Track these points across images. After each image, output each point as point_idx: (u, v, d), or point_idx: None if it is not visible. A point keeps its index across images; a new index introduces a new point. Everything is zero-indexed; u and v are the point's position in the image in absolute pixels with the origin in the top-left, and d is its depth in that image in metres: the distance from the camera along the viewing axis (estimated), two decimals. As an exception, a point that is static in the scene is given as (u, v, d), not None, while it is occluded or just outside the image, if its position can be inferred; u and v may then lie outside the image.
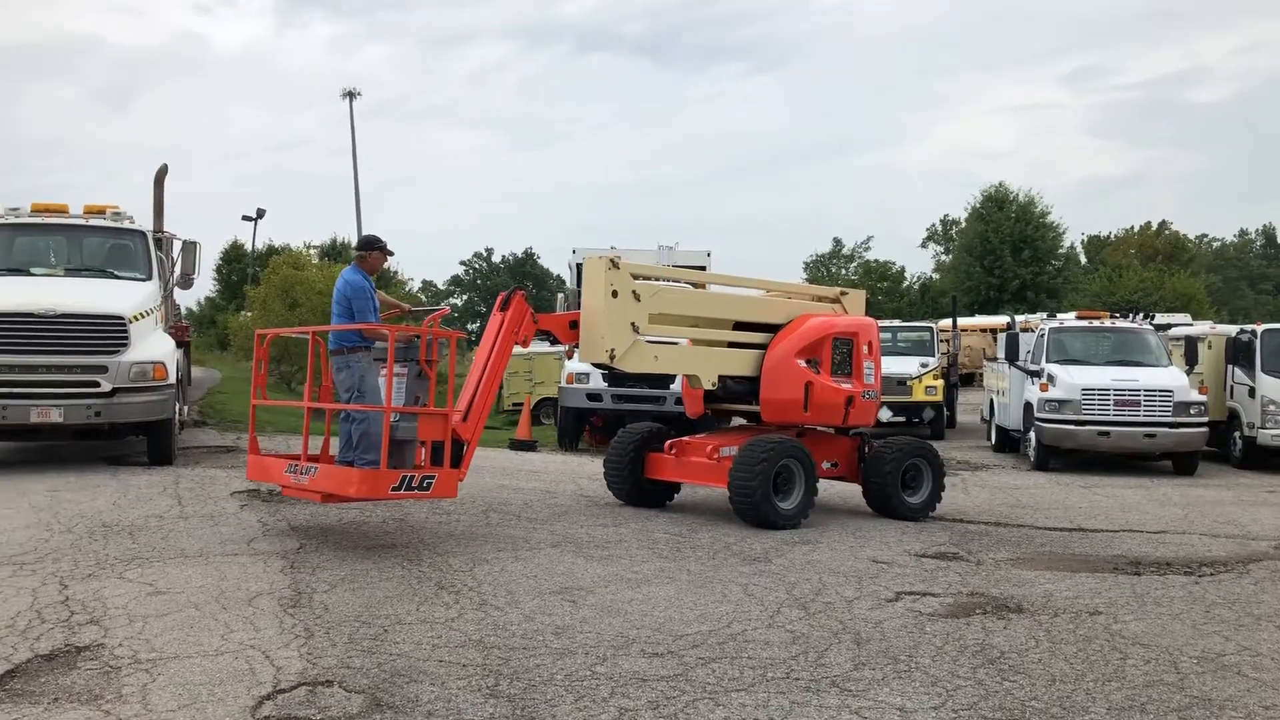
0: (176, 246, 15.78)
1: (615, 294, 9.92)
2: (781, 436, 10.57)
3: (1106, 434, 15.73)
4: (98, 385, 12.60)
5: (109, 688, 5.18)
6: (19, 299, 12.85)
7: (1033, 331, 19.57)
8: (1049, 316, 23.50)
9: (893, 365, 21.85)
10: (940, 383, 21.84)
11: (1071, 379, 16.07)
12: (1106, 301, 45.85)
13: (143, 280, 14.25)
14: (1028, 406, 16.83)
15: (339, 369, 9.13)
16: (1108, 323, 18.50)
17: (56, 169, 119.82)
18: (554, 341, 10.56)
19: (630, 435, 11.57)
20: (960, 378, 26.59)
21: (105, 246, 14.75)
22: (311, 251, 41.16)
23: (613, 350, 9.92)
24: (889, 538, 9.88)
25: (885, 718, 5.04)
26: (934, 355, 22.67)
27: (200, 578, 7.50)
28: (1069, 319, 20.12)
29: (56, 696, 5.05)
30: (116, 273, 14.30)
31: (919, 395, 21.38)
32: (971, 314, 47.59)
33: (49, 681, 5.27)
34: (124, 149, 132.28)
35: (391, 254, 9.78)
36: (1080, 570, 8.64)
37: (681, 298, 10.96)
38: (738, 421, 12.18)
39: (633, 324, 10.04)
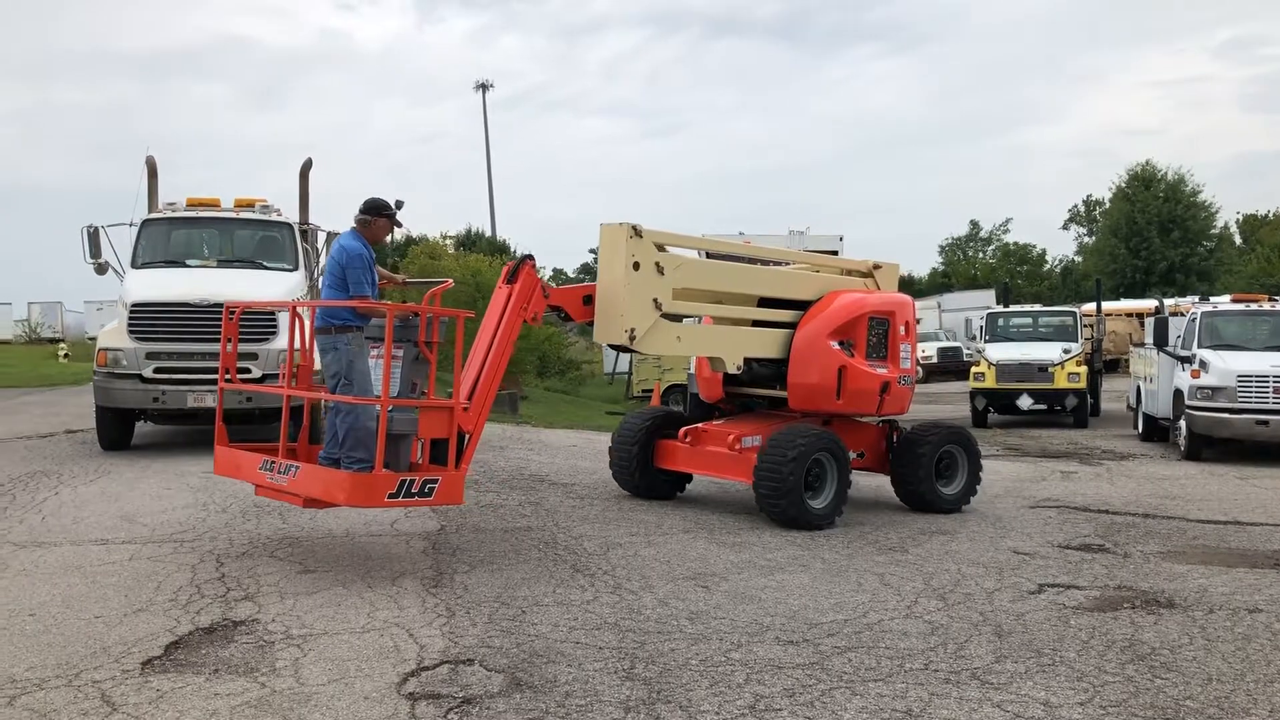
0: (321, 238, 16.31)
1: (637, 266, 8.98)
2: (811, 426, 9.82)
3: (1265, 423, 14.92)
4: (249, 372, 13.15)
5: (263, 661, 5.42)
6: (177, 290, 13.51)
7: (1183, 315, 18.72)
8: (1201, 299, 22.47)
9: (1034, 351, 21.34)
10: (1084, 369, 21.17)
11: (1226, 365, 15.30)
12: (1264, 284, 43.61)
13: (290, 270, 14.79)
14: (1178, 394, 16.10)
15: (324, 350, 7.78)
16: (1266, 305, 17.55)
17: (209, 164, 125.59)
18: (565, 318, 9.52)
19: (639, 420, 10.80)
20: (1105, 364, 25.69)
21: (255, 238, 15.35)
22: (447, 241, 42.16)
23: (633, 330, 9.00)
24: (1030, 528, 9.60)
25: (1029, 712, 4.91)
26: (1077, 341, 21.97)
27: (347, 557, 7.79)
28: (1223, 302, 19.18)
29: (216, 668, 5.31)
30: (265, 263, 14.88)
31: (1061, 382, 20.77)
32: (1116, 298, 45.85)
33: (209, 653, 5.55)
34: (271, 144, 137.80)
35: (400, 224, 8.36)
36: (1237, 565, 8.24)
37: (707, 271, 10.04)
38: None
39: (655, 300, 9.13)
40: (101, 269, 14.97)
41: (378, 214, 8.08)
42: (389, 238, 9.30)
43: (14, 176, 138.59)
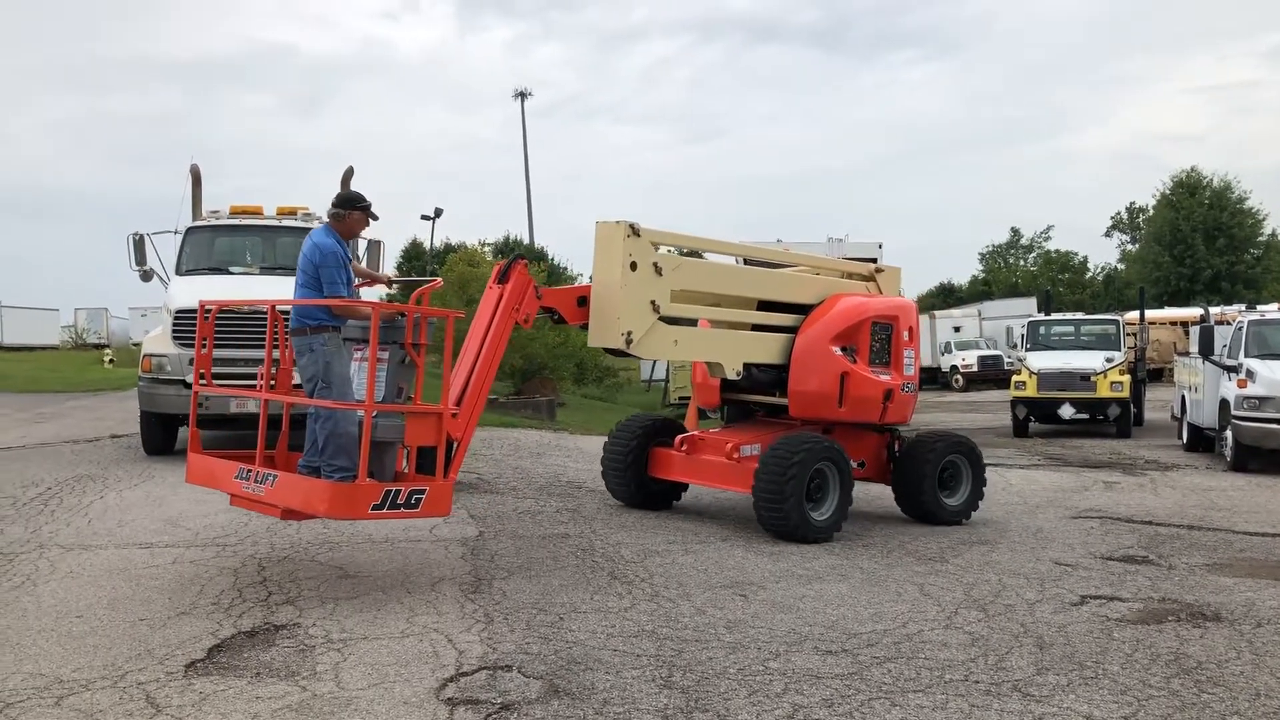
0: (361, 246, 16.44)
1: (634, 266, 8.64)
2: (812, 434, 9.46)
3: (1313, 434, 14.68)
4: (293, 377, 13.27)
5: (304, 665, 5.47)
6: (220, 297, 13.65)
7: (1229, 324, 18.46)
8: (1248, 308, 22.15)
9: (1076, 360, 21.10)
10: (1127, 378, 20.91)
11: (1274, 374, 15.07)
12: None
13: (331, 277, 14.90)
14: (1224, 404, 15.87)
15: (300, 353, 7.31)
16: (1315, 314, 17.26)
17: (252, 172, 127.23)
18: (559, 321, 9.15)
19: (633, 427, 10.47)
20: (1148, 373, 25.37)
21: (297, 246, 15.45)
22: (485, 249, 42.38)
23: (629, 333, 8.66)
24: (1072, 539, 9.49)
25: (1072, 726, 4.85)
26: (1120, 349, 21.70)
27: (386, 563, 7.84)
28: (1270, 310, 18.89)
29: (258, 671, 5.36)
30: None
31: (1104, 391, 20.51)
32: (1160, 306, 45.29)
33: (251, 657, 5.60)
34: (313, 151, 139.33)
35: (375, 218, 7.72)
36: (1285, 578, 8.11)
37: (707, 272, 9.74)
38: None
39: (653, 302, 8.80)
40: (146, 276, 15.17)
41: (351, 207, 7.60)
42: (427, 244, 9.29)
43: (62, 183, 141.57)
